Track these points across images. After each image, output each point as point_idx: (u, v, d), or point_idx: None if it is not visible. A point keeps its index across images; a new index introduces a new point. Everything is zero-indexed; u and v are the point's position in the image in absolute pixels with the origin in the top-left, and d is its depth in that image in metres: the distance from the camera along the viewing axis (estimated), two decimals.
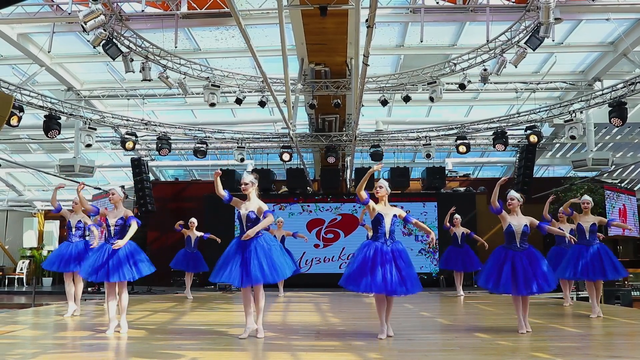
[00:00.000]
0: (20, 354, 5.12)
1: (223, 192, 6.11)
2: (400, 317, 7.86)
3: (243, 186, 6.15)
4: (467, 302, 10.33)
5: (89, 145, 13.50)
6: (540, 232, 6.48)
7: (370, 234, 8.33)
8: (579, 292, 13.25)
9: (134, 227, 6.47)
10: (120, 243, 6.32)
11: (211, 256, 10.81)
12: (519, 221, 6.39)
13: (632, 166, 17.60)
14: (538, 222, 6.44)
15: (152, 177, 18.19)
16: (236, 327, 6.94)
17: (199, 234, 11.17)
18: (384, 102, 13.05)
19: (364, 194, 6.14)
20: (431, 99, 12.32)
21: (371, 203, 6.19)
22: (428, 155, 14.99)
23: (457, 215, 11.11)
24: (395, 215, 6.18)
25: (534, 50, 10.30)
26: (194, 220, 11.21)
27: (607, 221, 8.45)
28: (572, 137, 13.25)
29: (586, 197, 8.28)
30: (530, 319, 7.56)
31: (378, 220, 6.11)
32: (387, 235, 6.08)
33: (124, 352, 5.29)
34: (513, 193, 6.56)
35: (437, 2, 10.93)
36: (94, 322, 7.73)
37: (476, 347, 5.55)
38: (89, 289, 15.43)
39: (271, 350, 5.50)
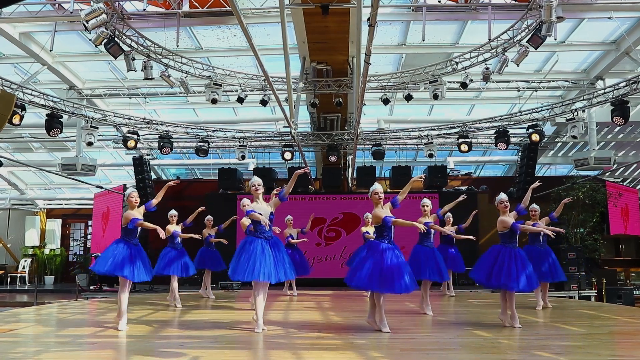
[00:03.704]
0: (22, 352, 5.13)
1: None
2: (401, 316, 7.87)
3: (256, 187, 6.49)
4: (468, 300, 10.33)
5: (90, 144, 13.51)
6: (514, 231, 6.78)
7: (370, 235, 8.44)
8: (581, 291, 13.26)
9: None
10: None
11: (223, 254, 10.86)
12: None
13: (635, 165, 17.58)
14: (512, 222, 6.80)
15: (153, 176, 18.22)
16: (238, 326, 6.95)
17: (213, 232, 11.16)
18: (386, 101, 13.04)
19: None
20: (435, 96, 12.29)
21: (377, 210, 6.40)
22: (430, 156, 15.00)
23: (448, 214, 11.00)
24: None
25: (536, 48, 10.28)
26: (210, 217, 11.13)
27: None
28: (574, 137, 13.25)
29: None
30: (532, 318, 7.59)
31: (387, 222, 6.29)
32: (392, 237, 6.43)
33: (126, 350, 5.30)
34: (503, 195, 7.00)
35: (439, 1, 10.92)
36: (96, 320, 7.75)
37: (477, 345, 5.55)
38: (91, 287, 15.48)
39: (273, 348, 5.51)
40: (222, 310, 9.07)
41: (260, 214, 6.30)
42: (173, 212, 9.59)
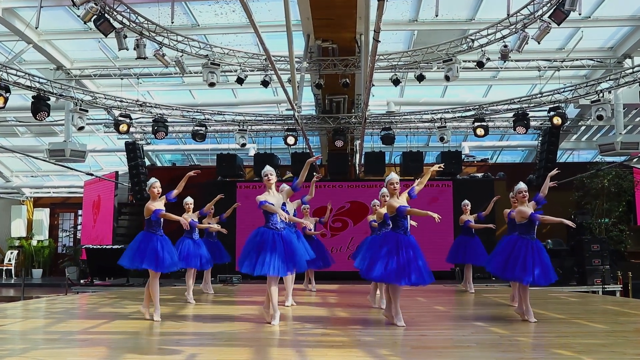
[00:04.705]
0: (8, 349, 5.17)
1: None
2: (413, 311, 7.89)
3: (269, 177, 6.71)
4: (484, 295, 10.34)
5: (81, 128, 13.53)
6: (533, 222, 6.92)
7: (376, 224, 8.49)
8: (605, 286, 13.26)
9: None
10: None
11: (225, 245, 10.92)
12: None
13: None
14: (530, 212, 6.92)
15: (147, 162, 18.26)
16: (238, 322, 7.00)
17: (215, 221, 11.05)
18: (396, 82, 12.98)
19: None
20: (447, 78, 12.21)
21: (392, 200, 6.58)
22: (442, 139, 14.94)
23: (466, 201, 10.89)
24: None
25: (558, 24, 10.16)
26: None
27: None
28: (599, 118, 13.10)
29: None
30: (553, 314, 7.60)
31: (401, 212, 6.45)
32: (407, 227, 6.61)
33: (119, 348, 5.33)
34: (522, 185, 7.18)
35: None
36: (87, 315, 7.80)
37: (494, 343, 5.56)
38: (82, 281, 15.58)
39: (275, 345, 5.54)
40: (221, 305, 9.13)
41: (272, 205, 6.53)
42: (189, 199, 9.49)
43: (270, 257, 6.38)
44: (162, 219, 7.12)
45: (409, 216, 6.62)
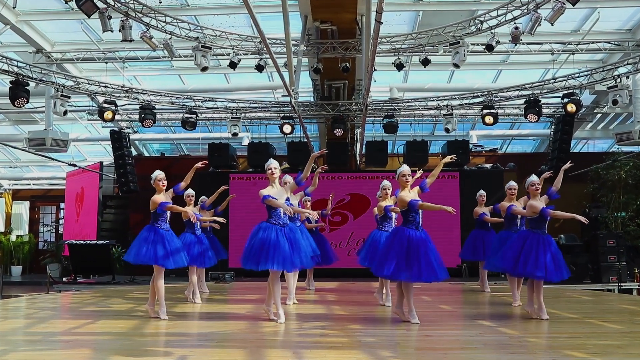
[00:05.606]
0: None
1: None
2: (417, 311, 7.91)
3: (273, 171, 6.77)
4: (492, 294, 10.36)
5: (65, 113, 13.46)
6: (544, 217, 6.98)
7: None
8: (621, 284, 13.30)
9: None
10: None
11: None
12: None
13: None
14: (542, 207, 6.97)
15: (134, 152, 18.24)
16: (231, 322, 7.01)
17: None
18: (400, 66, 12.96)
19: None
20: (455, 66, 12.20)
21: (403, 194, 6.68)
22: (447, 130, 14.93)
23: (481, 192, 10.75)
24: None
25: (573, 5, 10.16)
26: (204, 198, 10.93)
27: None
28: (615, 103, 13.06)
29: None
30: (565, 313, 7.62)
31: (413, 206, 6.55)
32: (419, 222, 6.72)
33: (105, 350, 5.34)
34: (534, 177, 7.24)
35: None
36: (70, 315, 7.81)
37: (502, 344, 5.58)
38: (64, 278, 15.60)
39: (270, 347, 5.54)
40: (214, 304, 9.14)
41: (276, 199, 6.63)
42: (190, 191, 9.37)
43: (274, 253, 6.48)
44: (168, 213, 7.23)
45: (421, 210, 6.65)
